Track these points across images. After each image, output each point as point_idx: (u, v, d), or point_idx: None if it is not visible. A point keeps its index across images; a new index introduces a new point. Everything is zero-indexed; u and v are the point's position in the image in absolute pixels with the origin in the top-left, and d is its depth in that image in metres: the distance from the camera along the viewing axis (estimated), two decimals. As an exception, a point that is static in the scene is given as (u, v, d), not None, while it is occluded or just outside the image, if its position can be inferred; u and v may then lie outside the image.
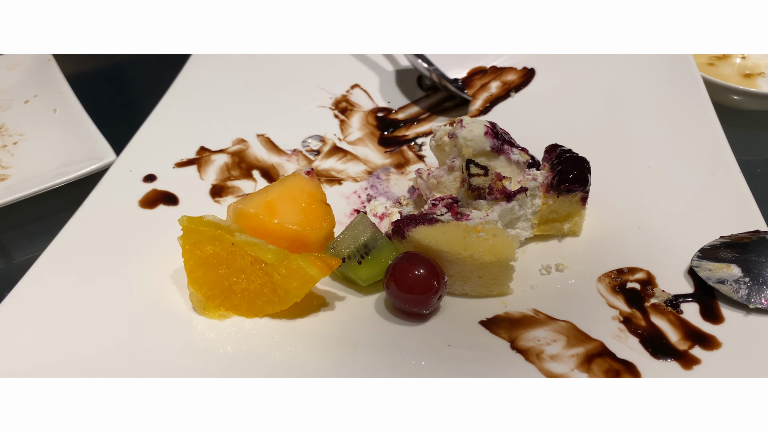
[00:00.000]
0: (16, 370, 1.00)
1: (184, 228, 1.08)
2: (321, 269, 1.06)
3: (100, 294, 1.12)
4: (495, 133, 1.18)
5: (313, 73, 1.67)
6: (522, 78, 1.61)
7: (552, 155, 1.24)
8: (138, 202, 1.31)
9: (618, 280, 1.12)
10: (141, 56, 1.99)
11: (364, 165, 1.43)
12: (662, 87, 1.47)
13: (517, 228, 1.19)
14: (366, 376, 0.99)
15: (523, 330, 1.05)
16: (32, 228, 1.43)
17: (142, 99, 1.82)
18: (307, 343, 1.05)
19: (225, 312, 1.09)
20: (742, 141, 1.39)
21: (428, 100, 1.60)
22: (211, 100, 1.59)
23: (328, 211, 1.17)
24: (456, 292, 1.13)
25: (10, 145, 1.59)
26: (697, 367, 0.97)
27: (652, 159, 1.32)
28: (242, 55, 1.69)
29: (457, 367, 1.00)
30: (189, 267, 1.08)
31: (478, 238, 1.08)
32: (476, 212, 1.14)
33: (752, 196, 1.18)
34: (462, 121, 1.19)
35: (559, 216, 1.20)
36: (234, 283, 1.08)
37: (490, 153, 1.17)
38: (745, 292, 1.04)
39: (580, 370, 0.98)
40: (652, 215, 1.21)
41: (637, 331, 1.03)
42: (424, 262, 1.07)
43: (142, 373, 0.99)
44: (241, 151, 1.45)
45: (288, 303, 1.07)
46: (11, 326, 1.06)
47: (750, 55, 1.67)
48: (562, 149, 1.23)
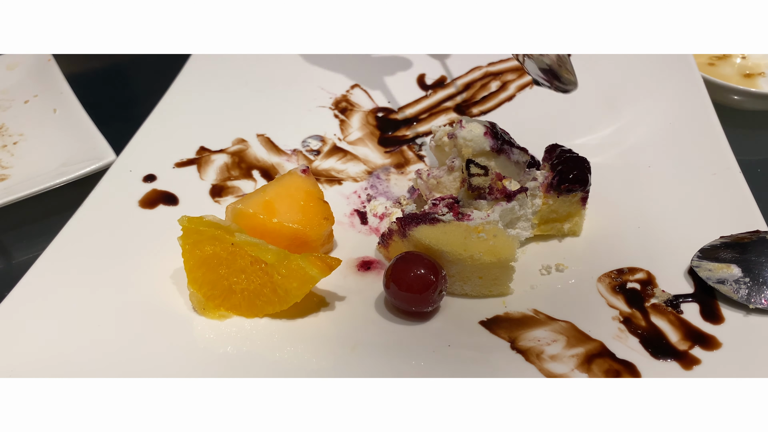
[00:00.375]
0: (16, 370, 1.00)
1: (184, 228, 1.08)
2: (321, 269, 1.06)
3: (99, 294, 1.12)
4: (494, 133, 1.18)
5: (313, 73, 1.67)
6: (522, 78, 1.61)
7: (552, 155, 1.24)
8: (138, 202, 1.31)
9: (618, 280, 1.12)
10: (141, 56, 1.99)
11: (364, 165, 1.43)
12: (662, 87, 1.47)
13: (517, 228, 1.19)
14: (366, 376, 0.99)
15: (523, 330, 1.05)
16: (32, 228, 1.43)
17: (142, 99, 1.82)
18: (307, 342, 1.05)
19: (225, 312, 1.09)
20: (742, 141, 1.39)
21: (428, 100, 1.60)
22: (211, 100, 1.59)
23: (326, 209, 1.17)
24: (456, 292, 1.13)
25: (10, 145, 1.59)
26: (697, 367, 0.97)
27: (652, 159, 1.32)
28: (242, 55, 1.69)
29: (457, 367, 1.00)
30: (189, 267, 1.08)
31: (478, 238, 1.08)
32: (477, 212, 1.14)
33: (752, 196, 1.18)
34: (461, 122, 1.19)
35: (560, 216, 1.20)
36: (234, 283, 1.08)
37: (490, 153, 1.17)
38: (745, 292, 1.04)
39: (580, 370, 0.98)
40: (652, 215, 1.21)
41: (637, 331, 1.03)
42: (420, 260, 1.07)
43: (142, 373, 0.99)
44: (241, 151, 1.45)
45: (288, 303, 1.07)
46: (11, 326, 1.06)
47: (750, 55, 1.67)
48: (562, 149, 1.23)
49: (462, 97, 1.59)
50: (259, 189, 1.20)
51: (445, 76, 1.66)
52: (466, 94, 1.61)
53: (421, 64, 1.68)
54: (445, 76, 1.65)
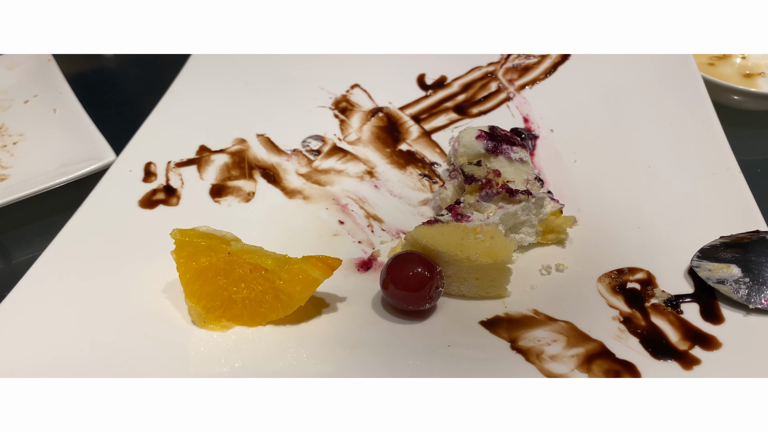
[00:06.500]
0: (16, 369, 1.00)
1: (177, 241, 1.06)
2: (323, 270, 1.05)
3: (99, 294, 1.12)
4: (489, 135, 1.19)
5: (313, 73, 1.67)
6: (522, 78, 1.61)
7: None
8: (138, 202, 1.31)
9: (618, 280, 1.11)
10: (141, 56, 2.00)
11: (364, 165, 1.43)
12: (662, 87, 1.47)
13: (521, 233, 1.19)
14: (366, 376, 0.99)
15: (524, 330, 1.05)
16: (32, 228, 1.43)
17: (142, 99, 1.82)
18: (306, 343, 1.05)
19: (227, 323, 1.07)
20: (742, 141, 1.39)
21: (428, 100, 1.60)
22: (211, 100, 1.59)
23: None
24: (453, 293, 1.12)
25: (10, 145, 1.59)
26: (697, 367, 0.97)
27: (652, 159, 1.32)
28: (242, 55, 1.70)
29: (457, 367, 1.00)
30: (185, 281, 1.05)
31: (475, 239, 1.08)
32: (477, 214, 1.14)
33: (752, 196, 1.18)
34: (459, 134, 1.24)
35: (555, 227, 1.20)
36: (234, 293, 1.06)
37: (486, 154, 1.19)
38: (745, 292, 1.04)
39: (580, 370, 0.98)
40: (652, 215, 1.21)
41: (637, 331, 1.03)
42: (415, 258, 1.07)
43: (142, 374, 0.99)
44: (241, 151, 1.45)
45: (292, 308, 1.05)
46: (11, 326, 1.06)
47: (750, 55, 1.67)
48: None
49: (462, 97, 1.59)
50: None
51: (445, 76, 1.66)
52: (466, 94, 1.61)
53: (421, 64, 1.68)
54: (445, 76, 1.65)
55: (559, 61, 1.62)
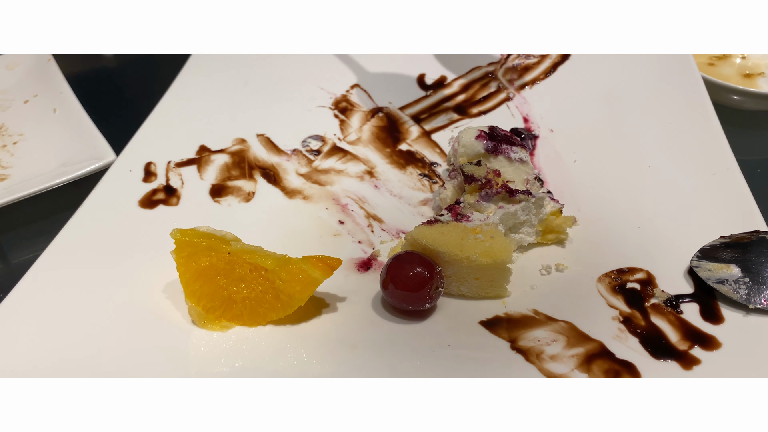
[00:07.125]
0: (16, 369, 1.00)
1: (177, 241, 1.06)
2: (323, 270, 1.05)
3: (99, 294, 1.12)
4: (489, 135, 1.19)
5: (313, 73, 1.67)
6: (522, 78, 1.61)
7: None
8: (138, 202, 1.31)
9: (618, 280, 1.12)
10: (141, 56, 1.99)
11: (364, 165, 1.43)
12: (662, 87, 1.47)
13: (521, 233, 1.19)
14: (366, 376, 0.99)
15: (523, 330, 1.05)
16: (32, 228, 1.43)
17: (142, 99, 1.82)
18: (306, 343, 1.05)
19: (227, 323, 1.07)
20: (742, 141, 1.39)
21: (428, 100, 1.60)
22: (211, 100, 1.59)
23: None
24: (453, 293, 1.12)
25: (10, 145, 1.59)
26: (697, 367, 0.97)
27: (652, 159, 1.32)
28: (242, 55, 1.70)
29: (457, 367, 1.00)
30: (185, 281, 1.05)
31: (475, 239, 1.08)
32: (477, 214, 1.14)
33: (752, 196, 1.18)
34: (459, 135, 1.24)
35: (555, 227, 1.20)
36: (234, 293, 1.06)
37: (486, 154, 1.19)
38: (745, 292, 1.04)
39: (580, 370, 0.98)
40: (652, 215, 1.21)
41: (637, 331, 1.03)
42: (415, 258, 1.07)
43: (142, 374, 0.99)
44: (241, 151, 1.45)
45: (292, 308, 1.05)
46: (11, 326, 1.06)
47: (750, 55, 1.67)
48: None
49: (462, 98, 1.59)
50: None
51: (445, 76, 1.66)
52: (466, 94, 1.61)
53: (421, 64, 1.68)
54: (445, 76, 1.66)
55: (559, 61, 1.62)
